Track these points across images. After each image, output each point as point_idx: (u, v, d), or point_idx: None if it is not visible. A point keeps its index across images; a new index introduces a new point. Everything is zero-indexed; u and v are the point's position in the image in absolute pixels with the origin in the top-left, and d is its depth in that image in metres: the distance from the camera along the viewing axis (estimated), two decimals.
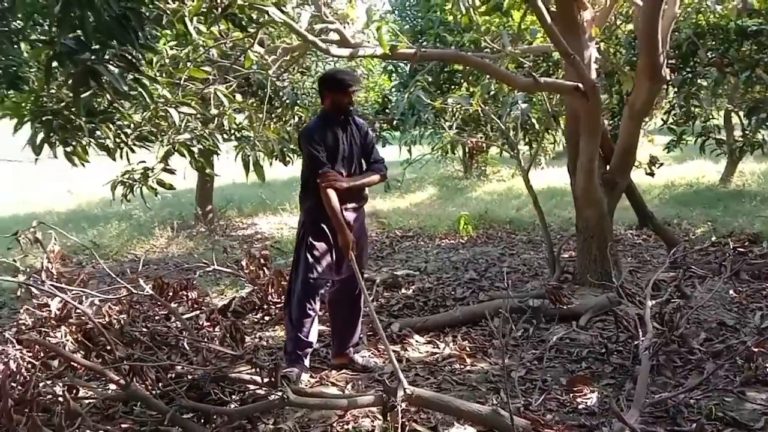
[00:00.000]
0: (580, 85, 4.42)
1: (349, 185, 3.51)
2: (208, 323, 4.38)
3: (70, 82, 2.56)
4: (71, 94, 2.62)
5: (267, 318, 4.77)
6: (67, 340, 3.55)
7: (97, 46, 2.48)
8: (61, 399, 2.42)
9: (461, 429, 2.83)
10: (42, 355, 3.28)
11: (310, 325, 3.60)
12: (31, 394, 2.41)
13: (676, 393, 2.91)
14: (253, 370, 3.27)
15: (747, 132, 7.64)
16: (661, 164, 5.89)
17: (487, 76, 5.56)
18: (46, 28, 2.78)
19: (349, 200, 3.61)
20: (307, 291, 3.56)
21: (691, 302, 4.20)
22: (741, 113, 7.99)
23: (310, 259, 3.56)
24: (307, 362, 3.65)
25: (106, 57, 2.50)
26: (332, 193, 3.44)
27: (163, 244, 8.07)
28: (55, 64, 2.56)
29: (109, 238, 8.11)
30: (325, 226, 3.59)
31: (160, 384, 3.05)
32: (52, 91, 3.05)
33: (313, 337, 3.65)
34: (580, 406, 3.28)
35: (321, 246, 3.57)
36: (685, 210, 8.84)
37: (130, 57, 2.61)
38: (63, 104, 2.98)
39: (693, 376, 3.18)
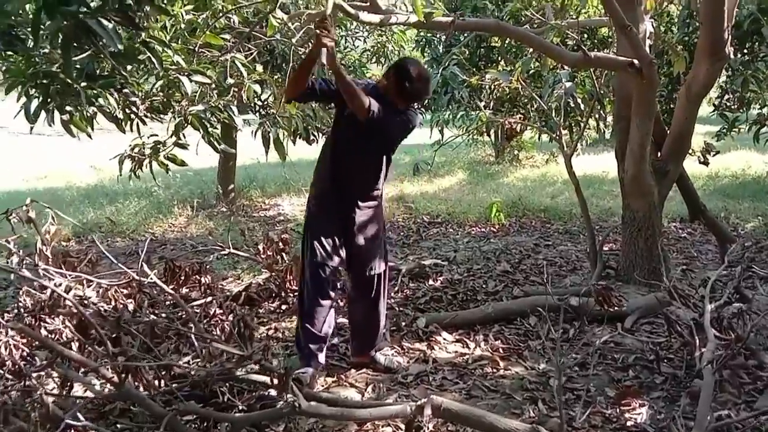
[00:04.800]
0: (636, 61, 3.99)
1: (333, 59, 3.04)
2: (221, 311, 4.06)
3: (60, 39, 2.21)
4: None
5: (284, 307, 4.45)
6: (66, 327, 3.26)
7: None
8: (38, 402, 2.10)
9: None
10: (35, 344, 3.00)
11: (324, 317, 3.26)
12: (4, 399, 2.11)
13: (747, 416, 2.50)
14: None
15: None
16: (717, 152, 5.40)
17: (528, 53, 5.13)
18: None
19: (348, 195, 3.30)
20: (316, 277, 3.23)
21: (753, 306, 3.76)
22: None
23: (314, 241, 3.24)
24: (322, 358, 3.31)
25: (101, 9, 2.15)
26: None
27: (182, 223, 7.79)
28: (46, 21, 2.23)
29: (127, 216, 7.84)
30: (329, 206, 3.31)
31: (159, 382, 2.73)
32: (46, 51, 2.72)
33: (326, 331, 3.31)
34: (628, 423, 2.91)
35: (326, 227, 3.28)
36: (732, 203, 8.30)
37: (129, 13, 2.26)
38: (58, 66, 2.65)
39: (765, 396, 2.77)
